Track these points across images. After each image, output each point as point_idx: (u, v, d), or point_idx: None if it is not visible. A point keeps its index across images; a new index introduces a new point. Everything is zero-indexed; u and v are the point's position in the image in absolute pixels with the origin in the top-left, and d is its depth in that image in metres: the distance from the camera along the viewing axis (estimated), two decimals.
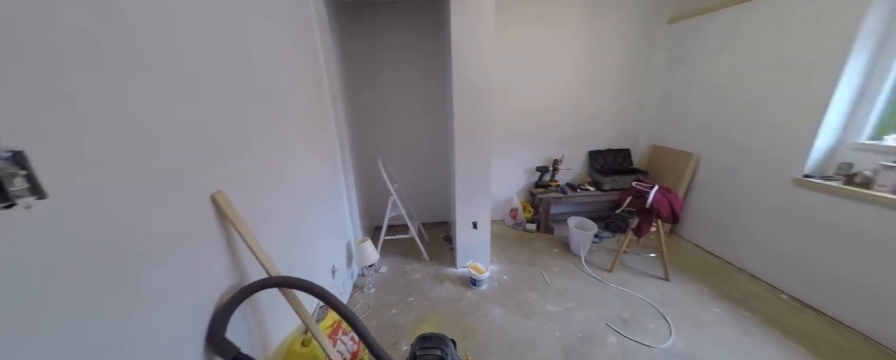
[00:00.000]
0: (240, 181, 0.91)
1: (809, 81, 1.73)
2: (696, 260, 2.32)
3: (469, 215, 2.11)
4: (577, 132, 2.93)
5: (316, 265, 1.47)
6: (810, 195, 1.76)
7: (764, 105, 1.98)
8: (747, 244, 2.13)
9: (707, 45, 2.32)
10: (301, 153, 1.35)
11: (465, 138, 1.92)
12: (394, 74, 2.58)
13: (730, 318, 1.72)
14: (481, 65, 1.77)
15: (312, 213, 1.44)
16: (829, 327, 1.63)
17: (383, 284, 2.10)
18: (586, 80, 2.77)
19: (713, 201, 2.37)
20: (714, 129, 2.32)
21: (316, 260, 1.46)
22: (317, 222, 1.49)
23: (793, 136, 1.82)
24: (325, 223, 1.62)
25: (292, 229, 1.24)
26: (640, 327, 1.68)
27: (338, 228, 1.84)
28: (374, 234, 2.81)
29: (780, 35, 1.86)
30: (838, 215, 1.64)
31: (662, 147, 2.79)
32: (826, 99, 1.66)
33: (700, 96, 2.42)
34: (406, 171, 2.83)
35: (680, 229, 2.67)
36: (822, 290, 1.73)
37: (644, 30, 2.65)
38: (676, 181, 2.55)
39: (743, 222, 2.15)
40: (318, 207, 1.51)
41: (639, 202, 2.06)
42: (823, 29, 1.65)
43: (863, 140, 1.65)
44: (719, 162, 2.31)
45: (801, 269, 1.82)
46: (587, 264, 2.27)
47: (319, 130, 1.59)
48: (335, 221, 1.80)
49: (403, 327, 1.71)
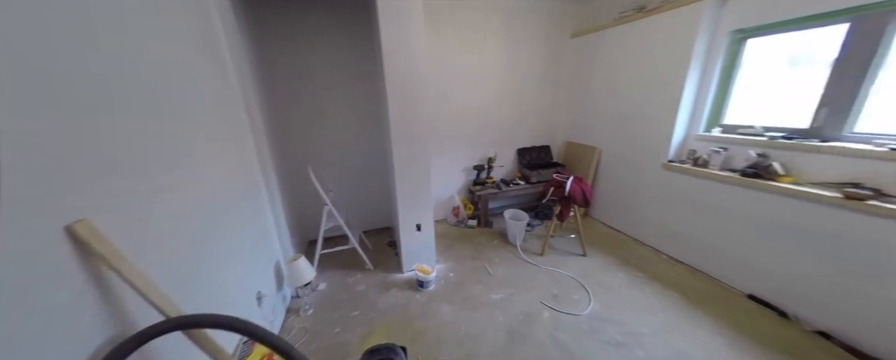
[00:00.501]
0: (116, 204, 0.74)
1: (668, 88, 2.23)
2: (605, 236, 2.78)
3: (412, 218, 2.12)
4: (506, 132, 3.20)
5: (234, 295, 1.28)
6: (673, 176, 2.28)
7: (643, 106, 2.48)
8: (639, 219, 2.65)
9: (601, 57, 2.79)
10: (206, 166, 1.17)
11: (403, 140, 1.92)
12: (324, 76, 2.42)
13: (629, 280, 2.12)
14: (414, 65, 1.79)
15: (225, 234, 1.26)
16: (691, 275, 2.15)
17: (323, 302, 1.96)
18: (512, 84, 3.06)
19: (613, 186, 2.87)
20: (610, 126, 2.81)
21: (233, 288, 1.28)
22: (232, 244, 1.31)
23: (661, 130, 2.33)
24: (245, 244, 1.44)
25: (199, 256, 1.06)
26: (568, 299, 1.94)
27: (262, 247, 1.65)
28: (308, 249, 2.59)
29: (649, 51, 2.36)
30: (691, 189, 2.17)
31: (574, 142, 3.25)
32: (677, 102, 2.17)
33: (598, 99, 2.90)
34: (343, 177, 2.69)
35: (592, 211, 3.15)
36: (686, 248, 2.26)
37: (552, 43, 3.05)
38: (586, 171, 3.01)
39: (634, 201, 2.67)
40: (232, 226, 1.33)
41: (559, 191, 2.37)
42: (673, 50, 2.16)
43: (701, 132, 2.21)
44: (615, 153, 2.81)
45: (673, 233, 2.35)
46: (523, 252, 2.51)
47: (229, 138, 1.40)
48: (258, 240, 1.60)
49: (349, 344, 1.63)
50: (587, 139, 3.08)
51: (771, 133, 1.84)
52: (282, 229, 1.99)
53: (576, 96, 3.14)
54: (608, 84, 2.76)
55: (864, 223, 1.42)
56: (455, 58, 2.77)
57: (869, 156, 1.45)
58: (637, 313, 1.80)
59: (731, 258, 1.98)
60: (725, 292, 1.96)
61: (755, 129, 1.93)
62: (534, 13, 2.89)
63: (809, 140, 1.66)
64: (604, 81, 2.80)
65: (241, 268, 1.37)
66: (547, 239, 2.49)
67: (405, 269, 2.24)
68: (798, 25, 1.70)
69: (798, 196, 1.61)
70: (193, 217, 1.06)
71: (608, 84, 2.76)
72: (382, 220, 3.00)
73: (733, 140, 1.99)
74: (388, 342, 1.36)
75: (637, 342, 1.58)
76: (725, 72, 2.06)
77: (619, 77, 2.64)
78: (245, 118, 1.58)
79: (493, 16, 2.77)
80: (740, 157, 1.92)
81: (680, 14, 2.08)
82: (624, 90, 2.62)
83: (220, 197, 1.25)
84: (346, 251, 2.29)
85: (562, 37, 3.06)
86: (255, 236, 1.57)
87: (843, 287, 1.51)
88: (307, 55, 2.34)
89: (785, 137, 1.76)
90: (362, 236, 2.65)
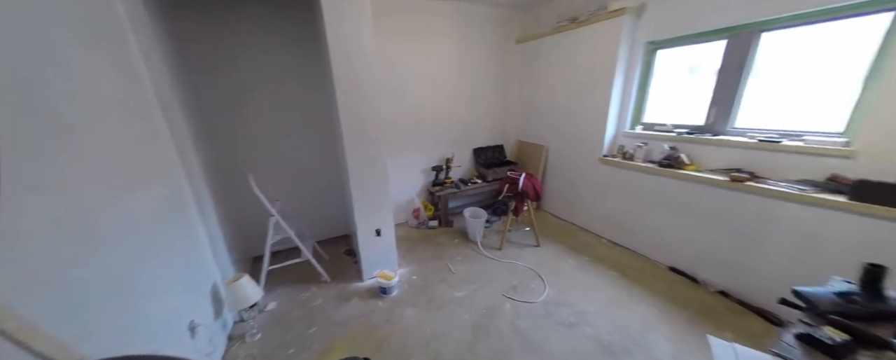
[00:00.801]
0: None
1: (599, 91, 2.51)
2: (555, 227, 3.02)
3: (371, 223, 2.06)
4: (463, 132, 3.29)
5: (158, 327, 1.11)
6: (608, 169, 2.58)
7: (580, 107, 2.75)
8: (582, 209, 2.93)
9: (543, 62, 3.03)
10: (112, 181, 1.00)
11: (357, 143, 1.86)
12: (261, 76, 2.23)
13: (577, 264, 2.33)
14: (365, 64, 1.74)
15: (143, 257, 1.09)
16: (626, 255, 2.45)
17: (273, 323, 1.80)
18: (466, 86, 3.16)
19: (560, 180, 3.14)
20: (554, 125, 3.06)
21: (158, 320, 1.11)
22: (154, 268, 1.14)
23: (595, 129, 2.62)
24: (171, 267, 1.26)
25: (107, 288, 0.90)
26: (526, 289, 2.06)
27: (192, 271, 1.45)
28: (254, 266, 2.35)
29: (583, 58, 2.62)
30: (621, 179, 2.47)
31: (525, 141, 3.47)
32: (607, 103, 2.46)
33: (543, 100, 3.14)
34: (292, 185, 2.50)
35: (543, 204, 3.40)
36: (621, 231, 2.57)
37: (500, 47, 3.22)
38: (536, 167, 3.23)
39: (577, 193, 2.94)
40: (153, 248, 1.16)
41: (513, 188, 2.51)
42: (601, 57, 2.44)
43: (627, 130, 2.54)
44: (560, 150, 3.07)
45: (610, 220, 2.65)
46: (483, 248, 2.61)
47: (139, 146, 1.21)
48: (187, 263, 1.41)
49: None
50: (536, 138, 3.31)
51: (679, 129, 2.19)
52: (219, 246, 1.78)
53: (524, 98, 3.36)
54: (550, 87, 3.01)
55: (744, 199, 1.77)
56: (411, 57, 2.77)
57: (744, 146, 1.81)
58: (585, 293, 1.99)
59: (655, 237, 2.31)
60: (653, 267, 2.27)
61: (667, 126, 2.28)
62: (482, 19, 3.02)
63: (705, 135, 2.02)
64: (547, 84, 3.04)
65: (168, 296, 1.20)
66: (505, 234, 2.62)
67: (366, 277, 2.17)
68: (692, 41, 2.06)
69: (699, 181, 1.95)
70: (107, 247, 0.90)
71: (550, 87, 3.01)
72: (338, 228, 2.86)
73: (652, 136, 2.32)
74: (349, 355, 1.30)
75: (585, 321, 1.75)
76: (643, 77, 2.39)
77: (559, 81, 2.89)
78: (163, 125, 1.38)
79: (441, 19, 2.83)
80: (657, 150, 2.25)
81: (605, 26, 2.36)
82: (564, 93, 2.88)
83: (133, 214, 1.08)
84: (299, 265, 2.13)
85: (508, 42, 3.25)
86: (184, 257, 1.38)
87: (732, 251, 1.87)
88: (240, 54, 2.14)
89: (688, 133, 2.11)
90: (317, 246, 2.49)
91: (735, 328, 1.65)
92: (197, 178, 1.67)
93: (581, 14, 2.59)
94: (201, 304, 1.47)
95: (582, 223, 2.96)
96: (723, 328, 1.65)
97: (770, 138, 1.72)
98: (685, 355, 1.51)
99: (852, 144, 1.48)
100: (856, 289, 0.88)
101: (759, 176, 1.75)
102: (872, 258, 0.91)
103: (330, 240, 2.81)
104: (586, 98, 2.65)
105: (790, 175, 1.65)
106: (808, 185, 1.57)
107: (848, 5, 1.43)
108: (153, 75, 1.37)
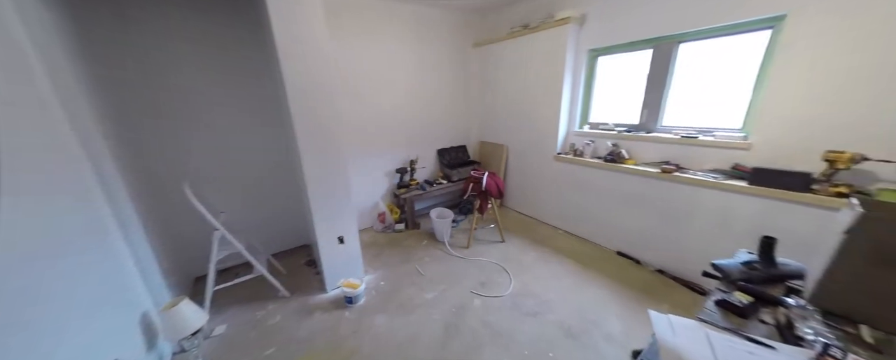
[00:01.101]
0: None
1: (551, 93, 2.70)
2: (517, 222, 3.17)
3: (332, 230, 1.97)
4: (426, 134, 3.29)
5: None
6: (562, 165, 2.78)
7: (535, 109, 2.91)
8: (540, 203, 3.11)
9: (500, 65, 3.16)
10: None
11: (313, 147, 1.76)
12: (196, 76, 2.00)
13: (538, 256, 2.48)
14: (319, 63, 1.65)
15: (47, 291, 0.93)
16: (581, 244, 2.66)
17: (222, 350, 1.63)
18: (428, 88, 3.16)
19: (520, 178, 3.30)
20: (512, 125, 3.21)
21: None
22: (62, 302, 0.97)
23: (549, 128, 2.80)
24: (87, 299, 1.08)
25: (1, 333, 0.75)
26: (493, 284, 2.13)
27: (115, 302, 1.25)
28: (196, 287, 2.10)
29: (536, 62, 2.79)
30: (573, 175, 2.68)
31: (486, 142, 3.59)
32: (559, 104, 2.65)
33: (501, 102, 3.27)
34: (239, 195, 2.29)
35: (506, 201, 3.54)
36: (574, 222, 2.79)
37: (459, 51, 3.28)
38: (498, 166, 3.36)
39: (536, 189, 3.12)
40: (61, 279, 0.99)
41: (477, 187, 2.58)
42: (552, 62, 2.62)
43: (577, 129, 2.76)
44: (519, 150, 3.22)
45: (565, 212, 2.86)
46: (451, 247, 2.64)
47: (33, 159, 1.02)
48: (110, 290, 1.22)
49: None
50: (497, 138, 3.44)
51: (619, 128, 2.44)
52: (150, 270, 1.57)
53: (485, 99, 3.47)
54: (507, 89, 3.15)
55: (672, 188, 2.04)
56: (369, 58, 2.71)
57: (670, 142, 2.09)
58: (547, 283, 2.12)
59: (604, 225, 2.55)
60: (604, 252, 2.50)
61: (609, 125, 2.53)
62: (440, 22, 3.05)
63: (639, 132, 2.28)
64: (504, 86, 3.18)
65: (83, 333, 1.02)
66: (471, 232, 2.68)
67: (329, 287, 2.06)
68: (626, 49, 2.31)
69: (636, 173, 2.19)
70: None
71: (507, 89, 3.15)
72: (297, 238, 2.68)
73: (597, 134, 2.55)
74: None
75: (549, 308, 1.87)
76: (588, 81, 2.62)
77: (516, 84, 3.04)
78: (69, 134, 1.17)
79: (399, 20, 2.80)
80: (602, 147, 2.48)
81: (554, 33, 2.54)
82: (520, 95, 3.03)
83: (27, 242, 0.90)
84: (252, 281, 1.96)
85: (466, 45, 3.33)
86: (104, 286, 1.19)
87: (666, 234, 2.13)
88: (167, 52, 1.90)
89: (627, 131, 2.36)
90: (272, 259, 2.30)
91: (671, 301, 1.89)
92: (118, 193, 1.44)
93: (532, 21, 2.75)
94: (128, 338, 1.28)
95: (541, 217, 3.15)
96: (661, 302, 1.88)
97: (690, 135, 2.01)
98: (632, 329, 1.69)
99: (748, 137, 1.79)
100: (756, 258, 1.07)
101: (683, 167, 2.03)
102: (768, 232, 1.11)
103: (287, 252, 2.62)
104: (540, 100, 2.82)
105: (706, 165, 1.94)
106: (719, 173, 1.86)
107: (740, 23, 1.72)
108: (55, 78, 1.15)
